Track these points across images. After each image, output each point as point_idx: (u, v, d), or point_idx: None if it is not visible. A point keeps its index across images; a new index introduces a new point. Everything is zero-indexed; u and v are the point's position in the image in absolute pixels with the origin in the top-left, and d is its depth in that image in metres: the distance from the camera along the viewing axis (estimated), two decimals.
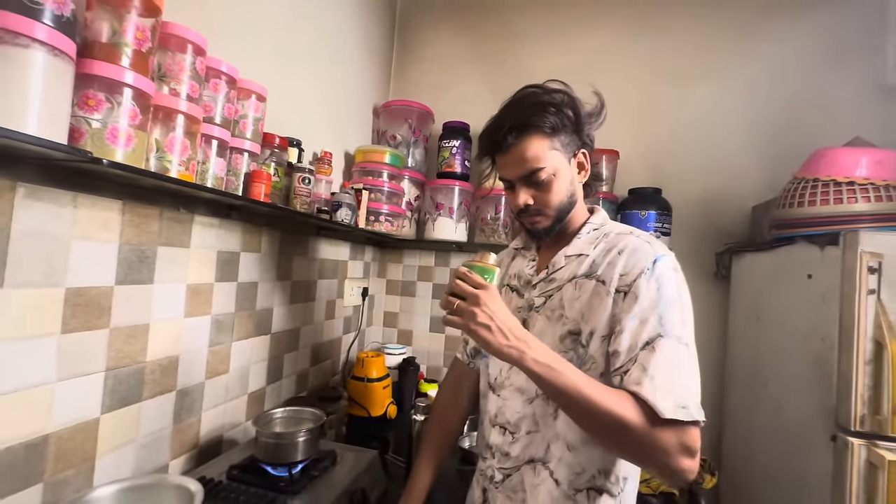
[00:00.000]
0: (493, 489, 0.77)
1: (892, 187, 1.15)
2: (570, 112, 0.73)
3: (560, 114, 0.72)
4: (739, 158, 1.75)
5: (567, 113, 0.72)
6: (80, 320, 0.73)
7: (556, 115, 0.71)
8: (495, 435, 0.78)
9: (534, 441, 0.73)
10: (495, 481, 0.77)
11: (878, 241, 1.04)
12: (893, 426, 0.99)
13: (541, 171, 0.72)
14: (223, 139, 0.93)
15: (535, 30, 1.98)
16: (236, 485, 0.88)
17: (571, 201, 0.76)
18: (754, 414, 1.44)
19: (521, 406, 0.75)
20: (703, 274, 1.74)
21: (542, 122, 0.71)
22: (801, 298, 1.24)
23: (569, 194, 0.75)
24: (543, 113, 0.71)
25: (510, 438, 0.76)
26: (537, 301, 0.77)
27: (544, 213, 0.75)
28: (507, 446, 0.76)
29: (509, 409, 0.76)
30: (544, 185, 0.73)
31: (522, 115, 0.72)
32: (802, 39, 1.71)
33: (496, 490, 0.77)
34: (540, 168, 0.72)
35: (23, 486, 0.66)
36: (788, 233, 1.29)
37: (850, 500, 1.01)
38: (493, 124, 0.75)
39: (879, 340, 1.01)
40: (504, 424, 0.77)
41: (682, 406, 0.58)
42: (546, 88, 0.75)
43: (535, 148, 0.71)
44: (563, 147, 0.74)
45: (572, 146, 0.75)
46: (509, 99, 0.77)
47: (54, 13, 0.58)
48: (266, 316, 1.24)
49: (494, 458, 0.78)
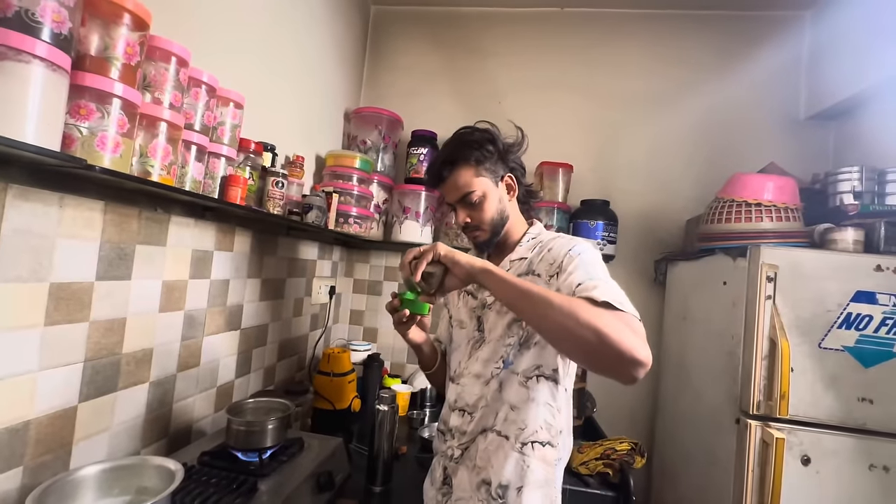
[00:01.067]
0: (453, 465, 0.90)
1: (790, 209, 1.36)
2: (490, 147, 0.89)
3: (482, 148, 0.88)
4: (678, 176, 1.97)
5: (488, 147, 0.89)
6: (62, 313, 0.77)
7: (479, 149, 0.88)
8: (455, 418, 0.91)
9: (485, 414, 0.87)
10: (454, 458, 0.90)
11: (775, 255, 1.24)
12: (781, 409, 1.18)
13: (472, 195, 0.88)
14: (202, 145, 0.98)
15: (498, 47, 2.12)
16: (208, 469, 0.94)
17: (503, 217, 0.92)
18: (679, 402, 1.64)
19: (478, 388, 0.88)
20: (643, 279, 1.94)
21: (468, 155, 0.88)
22: (718, 302, 1.43)
23: (499, 211, 0.91)
24: (469, 148, 0.88)
25: (468, 419, 0.89)
26: (489, 299, 0.91)
27: (481, 227, 0.91)
28: (465, 426, 0.89)
29: (468, 393, 0.90)
30: (477, 205, 0.89)
31: (452, 152, 0.90)
32: (736, 74, 1.95)
33: (456, 465, 0.89)
34: (471, 192, 0.88)
35: (4, 468, 0.70)
36: (710, 245, 1.49)
37: (747, 472, 1.20)
38: (431, 162, 0.95)
39: (773, 339, 1.21)
40: (463, 407, 0.90)
41: (618, 303, 0.67)
42: (472, 128, 0.92)
43: (464, 176, 0.88)
44: (488, 173, 0.90)
45: (498, 171, 0.91)
46: (446, 141, 0.94)
47: (53, 31, 0.64)
48: (236, 312, 1.29)
49: (454, 438, 0.90)
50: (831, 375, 1.20)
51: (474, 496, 0.85)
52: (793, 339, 1.21)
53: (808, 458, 1.19)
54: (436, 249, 0.78)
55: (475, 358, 0.90)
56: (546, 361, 0.84)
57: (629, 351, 0.61)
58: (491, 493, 0.83)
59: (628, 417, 1.91)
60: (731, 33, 1.95)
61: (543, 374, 0.84)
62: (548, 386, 0.84)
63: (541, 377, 0.84)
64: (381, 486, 1.17)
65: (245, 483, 0.89)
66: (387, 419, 1.19)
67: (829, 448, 1.20)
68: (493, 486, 0.83)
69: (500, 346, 0.87)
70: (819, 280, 1.22)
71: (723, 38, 1.96)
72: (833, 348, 1.21)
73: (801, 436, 1.20)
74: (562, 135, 2.04)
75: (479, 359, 0.89)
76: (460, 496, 0.87)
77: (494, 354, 0.87)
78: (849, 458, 1.19)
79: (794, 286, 1.23)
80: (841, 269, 1.22)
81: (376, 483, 1.17)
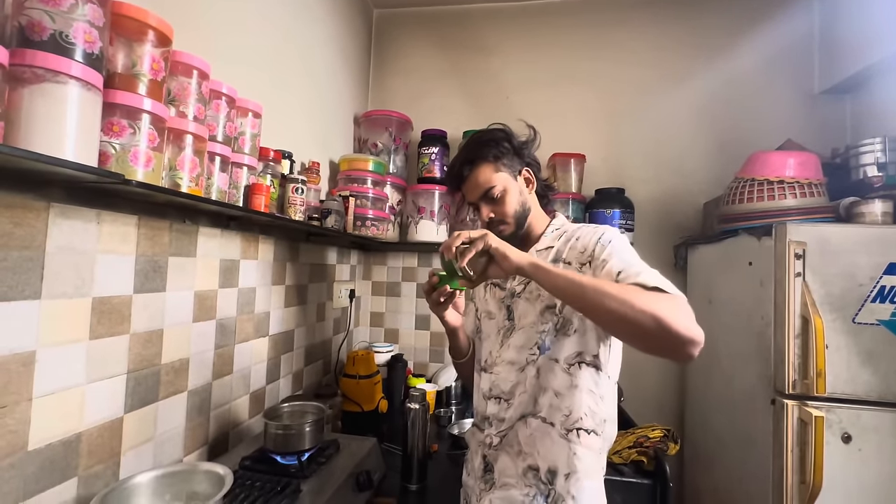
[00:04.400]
0: (493, 452, 0.90)
1: (814, 185, 1.34)
2: (505, 143, 0.92)
3: (499, 145, 0.91)
4: (692, 159, 1.95)
5: (503, 144, 0.92)
6: (105, 327, 0.79)
7: (496, 146, 0.91)
8: (491, 406, 0.92)
9: (524, 401, 0.87)
10: (493, 446, 0.90)
11: (802, 232, 1.22)
12: (818, 387, 1.17)
13: (493, 189, 0.90)
14: (225, 155, 1.00)
15: (504, 43, 2.12)
16: (251, 473, 0.95)
17: (525, 209, 0.93)
18: (709, 387, 1.62)
19: (514, 375, 0.89)
20: (663, 265, 1.91)
21: (486, 153, 0.91)
22: (744, 283, 1.42)
23: (521, 204, 0.93)
24: (486, 146, 0.91)
25: (505, 406, 0.89)
26: (517, 288, 0.92)
27: (506, 221, 0.92)
28: (503, 412, 0.89)
29: (503, 381, 0.90)
30: (499, 199, 0.91)
31: (469, 152, 0.93)
32: (745, 53, 1.92)
33: (496, 452, 0.90)
34: (492, 187, 0.90)
35: (61, 479, 0.72)
36: (732, 226, 1.47)
37: (787, 451, 1.19)
38: (451, 165, 0.97)
39: (805, 316, 1.19)
40: (499, 395, 0.91)
41: (667, 286, 0.70)
42: (486, 130, 0.96)
43: (484, 173, 0.91)
44: (507, 168, 0.92)
45: (516, 166, 0.93)
46: (461, 144, 0.99)
47: (85, 51, 0.65)
48: (264, 319, 1.31)
49: (492, 426, 0.91)
50: (867, 350, 1.18)
51: (521, 481, 0.86)
52: (825, 316, 1.19)
53: (849, 436, 1.17)
54: (486, 240, 0.76)
55: (507, 346, 0.91)
56: (587, 348, 0.84)
57: (686, 332, 0.63)
58: (540, 478, 0.84)
59: (656, 404, 1.89)
60: (740, 12, 1.93)
61: (584, 361, 0.84)
62: (590, 373, 0.84)
63: (582, 363, 0.84)
64: (417, 484, 1.18)
65: (289, 485, 0.90)
66: (418, 417, 1.20)
67: (870, 424, 1.17)
68: (542, 470, 0.84)
69: (532, 333, 0.87)
70: (849, 254, 1.20)
71: (731, 18, 1.93)
72: (868, 323, 1.18)
73: (840, 413, 1.18)
74: (572, 125, 2.03)
75: (511, 346, 0.90)
76: (506, 482, 0.87)
77: (528, 341, 0.88)
78: (891, 433, 1.16)
79: (823, 262, 1.21)
80: (871, 241, 1.19)
81: (412, 481, 1.18)
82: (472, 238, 0.77)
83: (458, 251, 0.77)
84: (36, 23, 0.61)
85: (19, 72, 0.60)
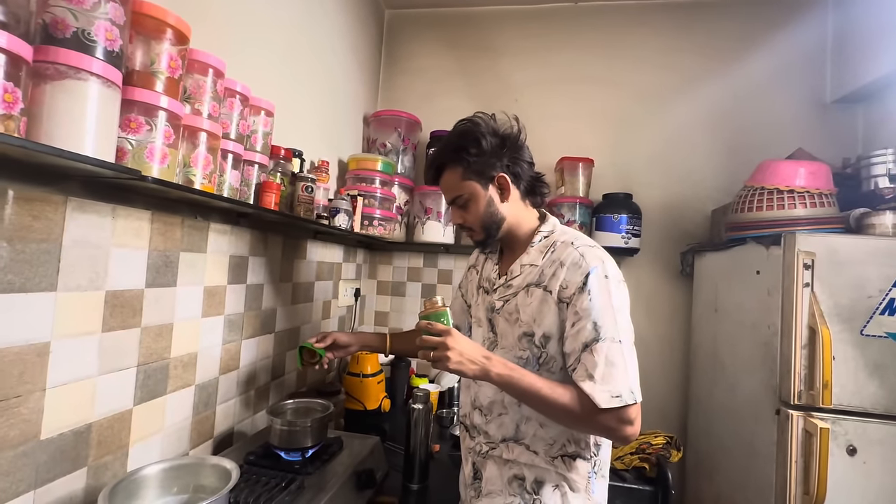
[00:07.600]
0: (481, 459, 0.90)
1: (824, 195, 1.33)
2: (473, 149, 0.86)
3: (466, 152, 0.86)
4: (701, 166, 1.94)
5: (471, 150, 0.86)
6: (117, 320, 0.80)
7: (464, 152, 0.86)
8: (477, 416, 0.92)
9: (504, 423, 0.87)
10: (482, 454, 0.90)
11: (811, 242, 1.22)
12: (824, 399, 1.16)
13: (459, 198, 0.89)
14: (238, 153, 1.01)
15: (513, 45, 2.12)
16: (255, 468, 0.96)
17: (494, 219, 0.89)
18: (713, 395, 1.62)
19: (492, 393, 0.88)
20: (669, 271, 1.92)
21: (452, 159, 0.88)
22: (751, 292, 1.41)
23: (489, 214, 0.88)
24: (453, 152, 0.88)
25: (486, 419, 0.90)
26: (497, 304, 0.91)
27: (474, 228, 0.91)
28: (485, 426, 0.90)
29: (482, 395, 0.90)
30: (466, 207, 0.90)
31: (438, 156, 0.92)
32: (757, 60, 1.91)
33: (483, 459, 0.90)
34: (458, 195, 0.89)
35: (71, 469, 0.73)
36: (740, 234, 1.46)
37: (791, 462, 1.18)
38: (427, 165, 0.96)
39: (813, 327, 1.19)
40: (480, 407, 0.91)
41: (615, 395, 0.73)
42: (459, 131, 0.89)
43: (450, 180, 0.90)
44: (476, 176, 0.87)
45: (487, 173, 0.87)
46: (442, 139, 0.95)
47: (106, 49, 0.66)
48: (271, 316, 1.32)
49: (480, 435, 0.91)
50: (875, 363, 1.17)
51: (506, 490, 0.85)
52: (833, 327, 1.18)
53: (854, 448, 1.16)
54: (445, 359, 0.75)
55: None
56: (569, 381, 0.80)
57: (620, 440, 0.78)
58: (525, 488, 0.84)
59: (659, 412, 1.88)
60: (753, 19, 1.92)
61: None
62: None
63: None
64: (419, 484, 1.18)
65: (293, 482, 0.91)
66: (421, 418, 1.20)
67: (875, 437, 1.17)
68: (528, 481, 0.84)
69: (512, 357, 0.85)
70: (858, 266, 1.19)
71: (743, 25, 1.92)
72: (876, 335, 1.17)
73: (846, 425, 1.17)
74: (581, 129, 2.03)
75: None
76: (491, 490, 0.87)
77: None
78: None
79: (831, 273, 1.20)
80: (881, 253, 1.19)
81: (413, 481, 1.18)
82: (433, 343, 0.76)
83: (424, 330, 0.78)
84: (60, 20, 0.62)
85: (42, 68, 0.61)
